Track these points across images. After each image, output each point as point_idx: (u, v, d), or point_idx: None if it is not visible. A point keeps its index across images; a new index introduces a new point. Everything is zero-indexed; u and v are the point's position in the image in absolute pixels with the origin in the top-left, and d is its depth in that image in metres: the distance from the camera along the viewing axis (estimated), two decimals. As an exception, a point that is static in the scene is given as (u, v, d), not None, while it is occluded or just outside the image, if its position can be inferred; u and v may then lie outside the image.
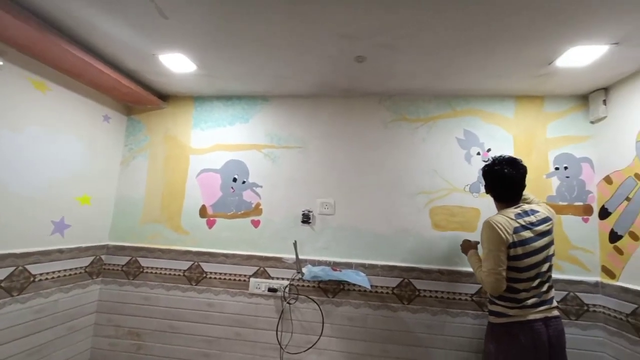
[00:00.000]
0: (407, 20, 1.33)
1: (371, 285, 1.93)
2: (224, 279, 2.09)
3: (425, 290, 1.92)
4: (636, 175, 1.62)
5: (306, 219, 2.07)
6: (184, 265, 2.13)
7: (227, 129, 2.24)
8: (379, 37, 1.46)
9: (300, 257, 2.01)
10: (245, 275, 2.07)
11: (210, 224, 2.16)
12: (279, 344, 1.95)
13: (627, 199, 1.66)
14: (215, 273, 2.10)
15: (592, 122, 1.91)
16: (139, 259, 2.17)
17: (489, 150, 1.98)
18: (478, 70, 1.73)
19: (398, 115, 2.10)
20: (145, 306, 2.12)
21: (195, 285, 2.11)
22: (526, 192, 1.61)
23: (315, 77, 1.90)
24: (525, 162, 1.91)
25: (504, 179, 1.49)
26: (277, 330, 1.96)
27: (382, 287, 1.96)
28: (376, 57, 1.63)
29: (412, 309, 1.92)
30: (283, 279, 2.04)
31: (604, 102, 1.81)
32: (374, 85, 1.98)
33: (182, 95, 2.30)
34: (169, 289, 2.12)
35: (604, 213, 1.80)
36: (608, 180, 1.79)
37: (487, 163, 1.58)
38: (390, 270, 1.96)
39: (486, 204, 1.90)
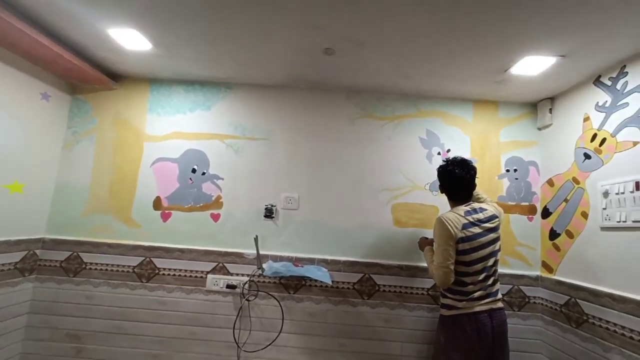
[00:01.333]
0: (375, 16, 1.33)
1: (333, 281, 1.93)
2: (179, 275, 1.97)
3: (384, 285, 1.96)
4: (574, 179, 1.78)
5: (269, 213, 2.01)
6: (134, 260, 1.97)
7: (187, 115, 2.10)
8: (347, 30, 1.44)
9: (262, 252, 1.96)
10: (202, 272, 1.97)
11: (165, 217, 2.02)
12: (236, 343, 1.88)
13: (565, 200, 1.82)
14: (169, 269, 1.97)
15: (539, 129, 2.07)
16: (81, 254, 1.97)
17: (448, 150, 2.06)
18: (442, 73, 1.79)
19: (365, 112, 2.11)
20: (87, 306, 1.93)
21: (147, 282, 1.96)
22: (480, 191, 1.70)
23: (282, 66, 1.84)
24: (479, 164, 2.04)
25: (455, 179, 1.57)
26: (234, 328, 1.89)
27: (343, 282, 1.97)
28: (345, 51, 1.61)
29: (371, 304, 1.95)
30: (243, 275, 1.97)
31: (550, 110, 1.97)
32: (342, 80, 1.97)
33: (136, 76, 2.11)
34: (116, 286, 1.95)
35: (546, 213, 1.96)
36: (550, 182, 1.95)
37: (441, 164, 1.65)
38: (351, 265, 1.98)
39: (444, 202, 1.95)
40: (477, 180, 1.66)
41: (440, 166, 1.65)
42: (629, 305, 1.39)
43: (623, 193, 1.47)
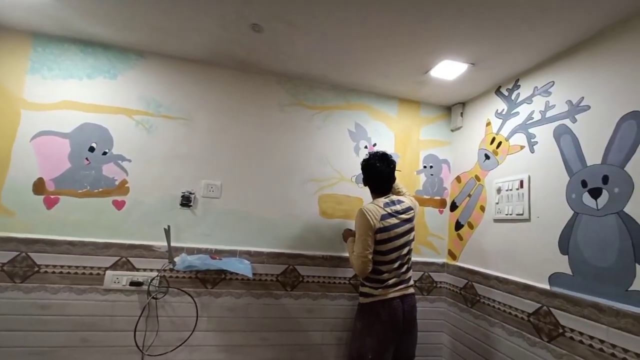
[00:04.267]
0: (306, -5, 1.27)
1: (256, 273, 1.85)
2: (68, 273, 1.65)
3: (308, 276, 1.95)
4: (476, 176, 2.00)
5: (186, 201, 1.82)
6: (3, 256, 1.59)
7: (84, 82, 1.75)
8: (276, 7, 1.35)
9: (178, 244, 1.77)
10: (99, 268, 1.69)
11: (51, 204, 1.67)
12: (137, 346, 1.66)
13: (469, 195, 2.04)
14: (54, 266, 1.64)
15: (452, 130, 2.29)
16: None
17: (374, 144, 2.14)
18: (369, 68, 1.83)
19: (296, 99, 2.05)
20: None
21: (21, 282, 1.60)
22: (399, 185, 1.80)
23: (205, 38, 1.65)
24: (401, 159, 2.15)
25: (376, 172, 1.64)
26: (135, 331, 1.66)
27: (266, 274, 1.90)
28: (274, 30, 1.52)
29: (294, 295, 1.93)
30: (152, 270, 1.75)
31: (461, 114, 2.19)
32: (273, 64, 1.87)
33: (12, 27, 1.67)
34: (-25, 289, 1.55)
35: (453, 206, 2.19)
36: (458, 179, 2.18)
37: (364, 157, 1.70)
38: (276, 257, 1.92)
39: (369, 194, 2.04)
40: (399, 175, 1.74)
41: (364, 159, 1.70)
42: (510, 286, 1.63)
43: (511, 190, 1.70)
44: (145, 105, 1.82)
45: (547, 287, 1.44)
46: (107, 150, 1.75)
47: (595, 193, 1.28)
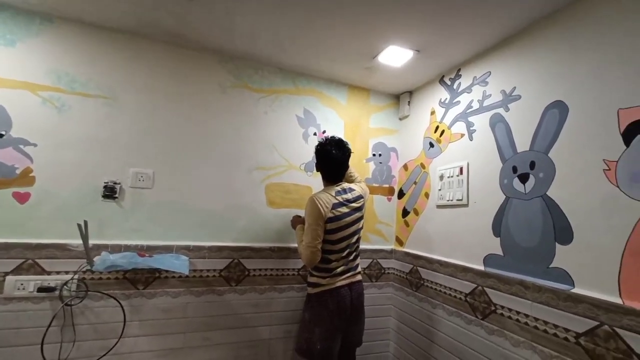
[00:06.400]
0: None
1: (196, 270, 1.71)
2: (-48, 281, 1.36)
3: (255, 270, 1.85)
4: (421, 164, 2.05)
5: (110, 192, 1.59)
6: None
7: (-33, 49, 1.43)
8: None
9: (101, 242, 1.55)
10: (-4, 273, 1.41)
11: None
12: (47, 361, 1.43)
13: (415, 183, 2.09)
14: None
15: (400, 119, 2.32)
16: None
17: (324, 131, 2.08)
18: (315, 50, 1.75)
19: (240, 81, 1.90)
20: None
21: None
22: (352, 171, 1.77)
23: (127, 4, 1.43)
24: (351, 147, 2.13)
25: (331, 159, 1.58)
26: (42, 343, 1.42)
27: (208, 270, 1.76)
28: (208, -2, 1.36)
29: (240, 290, 1.82)
30: (67, 272, 1.51)
31: (409, 103, 2.22)
32: (212, 40, 1.70)
33: None
34: None
35: (401, 194, 2.23)
36: (405, 167, 2.22)
37: (320, 142, 1.64)
38: (219, 251, 1.78)
39: (318, 182, 1.98)
40: (350, 162, 1.71)
41: (319, 144, 1.63)
42: (450, 269, 1.70)
43: (452, 177, 1.76)
44: (55, 80, 1.54)
45: (482, 268, 1.52)
46: (3, 133, 1.45)
47: (524, 178, 1.36)
